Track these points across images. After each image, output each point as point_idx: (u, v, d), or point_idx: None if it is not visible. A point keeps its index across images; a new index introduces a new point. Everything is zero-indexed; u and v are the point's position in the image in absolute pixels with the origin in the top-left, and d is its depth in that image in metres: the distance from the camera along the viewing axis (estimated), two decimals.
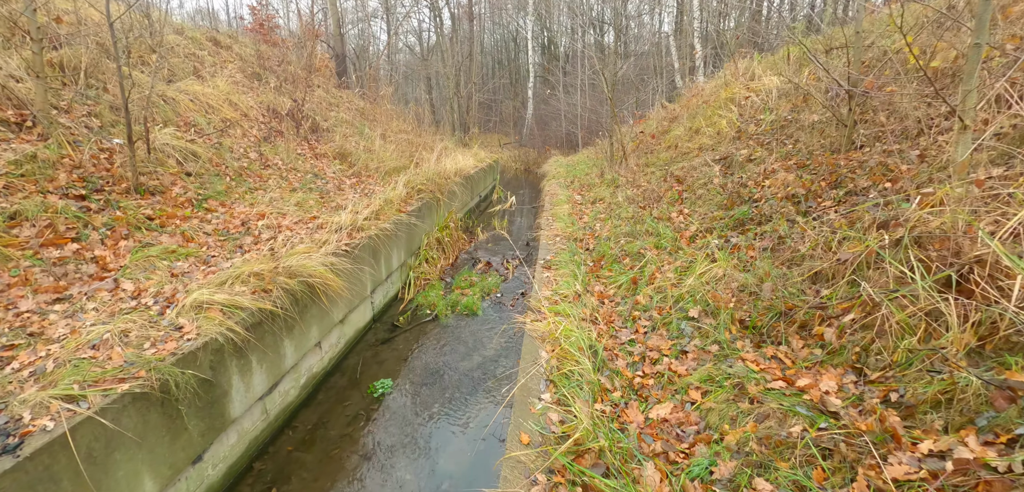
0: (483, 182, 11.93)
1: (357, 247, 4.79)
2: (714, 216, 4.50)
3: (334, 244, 4.51)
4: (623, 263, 4.25)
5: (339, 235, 4.76)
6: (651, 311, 3.20)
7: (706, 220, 4.52)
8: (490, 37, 37.17)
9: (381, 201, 5.89)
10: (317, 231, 4.82)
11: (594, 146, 13.78)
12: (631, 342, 2.85)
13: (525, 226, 9.75)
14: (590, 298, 3.54)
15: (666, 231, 4.45)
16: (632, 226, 4.96)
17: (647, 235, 4.61)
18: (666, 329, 2.94)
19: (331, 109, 10.35)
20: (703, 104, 8.70)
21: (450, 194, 8.30)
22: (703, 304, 2.95)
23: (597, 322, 3.12)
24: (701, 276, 3.20)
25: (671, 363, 2.59)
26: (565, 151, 18.05)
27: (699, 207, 5.00)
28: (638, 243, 4.45)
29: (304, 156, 7.39)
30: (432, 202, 7.30)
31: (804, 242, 3.08)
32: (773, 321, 2.60)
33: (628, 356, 2.67)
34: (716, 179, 5.32)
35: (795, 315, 2.47)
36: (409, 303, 6.05)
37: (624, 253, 4.41)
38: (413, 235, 6.50)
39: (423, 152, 10.57)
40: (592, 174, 9.23)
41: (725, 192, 4.86)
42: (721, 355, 2.48)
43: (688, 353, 2.62)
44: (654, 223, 4.87)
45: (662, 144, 8.69)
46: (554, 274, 4.06)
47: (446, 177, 8.62)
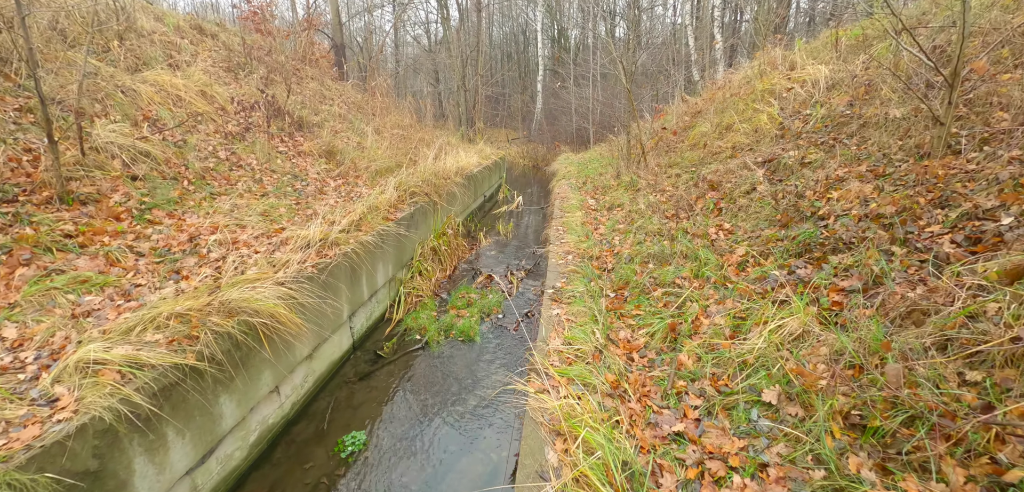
0: (488, 181, 11.01)
1: (328, 269, 3.91)
2: (766, 236, 3.53)
3: (297, 266, 3.63)
4: (653, 296, 3.31)
5: (306, 253, 3.88)
6: (702, 381, 2.27)
7: (756, 240, 3.56)
8: (499, 30, 36.08)
9: (365, 207, 5.01)
10: (280, 247, 3.95)
11: (607, 142, 12.75)
12: (679, 439, 1.94)
13: (532, 229, 8.82)
14: (614, 353, 2.61)
15: (707, 255, 3.50)
16: (660, 244, 4.01)
17: (681, 258, 3.66)
18: (728, 417, 2.01)
19: (324, 102, 9.48)
20: (732, 97, 7.66)
21: (449, 196, 7.39)
22: (782, 381, 2.03)
23: (626, 397, 2.21)
24: (772, 333, 2.26)
25: (745, 485, 1.67)
26: (575, 147, 17.02)
27: (743, 221, 4.03)
28: (671, 269, 3.51)
29: (286, 154, 6.53)
30: (427, 207, 6.40)
31: (921, 290, 2.12)
32: (905, 426, 1.66)
33: (678, 466, 1.76)
34: (761, 186, 4.34)
35: (950, 428, 1.53)
36: (397, 326, 5.18)
37: (654, 282, 3.47)
38: (403, 246, 5.61)
39: (422, 149, 9.67)
40: (606, 174, 8.25)
41: (776, 204, 3.88)
42: (827, 488, 1.56)
43: (769, 469, 1.70)
44: (688, 241, 3.91)
45: (685, 142, 7.68)
46: (565, 311, 3.14)
47: (445, 177, 7.71)
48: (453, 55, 17.71)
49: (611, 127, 15.03)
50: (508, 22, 35.20)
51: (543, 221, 9.13)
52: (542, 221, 9.21)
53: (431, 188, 6.67)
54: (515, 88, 30.39)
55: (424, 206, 6.29)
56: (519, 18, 33.70)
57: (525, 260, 7.04)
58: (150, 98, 5.67)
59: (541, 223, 9.19)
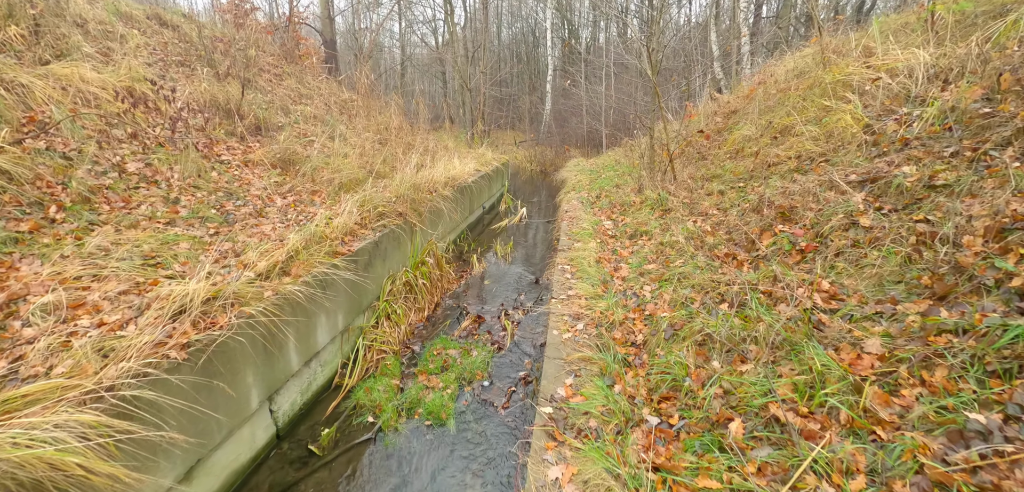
0: (487, 190, 9.58)
1: (211, 347, 2.53)
2: (912, 319, 2.03)
3: (150, 351, 2.26)
4: (729, 433, 1.84)
5: (178, 325, 2.50)
6: None
7: (892, 320, 2.07)
8: (508, 31, 34.71)
9: (300, 241, 3.62)
10: (143, 312, 2.57)
11: (623, 147, 11.24)
12: None
13: (537, 247, 7.38)
14: None
15: (816, 352, 2.01)
16: (721, 314, 2.53)
17: (766, 345, 2.17)
18: None
19: (300, 102, 8.16)
20: (780, 93, 6.11)
21: (433, 214, 5.99)
22: None
23: None
24: None
25: None
26: (586, 151, 15.50)
27: (850, 276, 2.54)
28: (754, 378, 2.03)
29: (228, 164, 5.19)
30: (401, 231, 5.00)
31: None
32: None
33: None
34: (865, 218, 2.83)
35: None
36: (348, 396, 3.78)
37: (726, 402, 2.00)
38: (363, 286, 4.22)
39: (411, 155, 8.28)
40: (625, 187, 6.75)
41: (912, 256, 2.38)
42: None
43: None
44: (770, 314, 2.43)
45: (722, 148, 6.15)
46: (568, 470, 1.70)
47: (430, 190, 6.31)
48: (456, 53, 16.34)
49: (626, 129, 13.49)
50: (518, 22, 33.79)
51: (549, 240, 7.68)
52: (548, 239, 7.76)
53: (407, 206, 5.26)
54: (524, 89, 28.99)
55: (396, 230, 4.89)
56: (529, 18, 32.26)
57: (525, 293, 5.60)
58: (48, 96, 4.37)
59: (547, 240, 7.74)
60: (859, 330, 2.11)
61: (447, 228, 6.77)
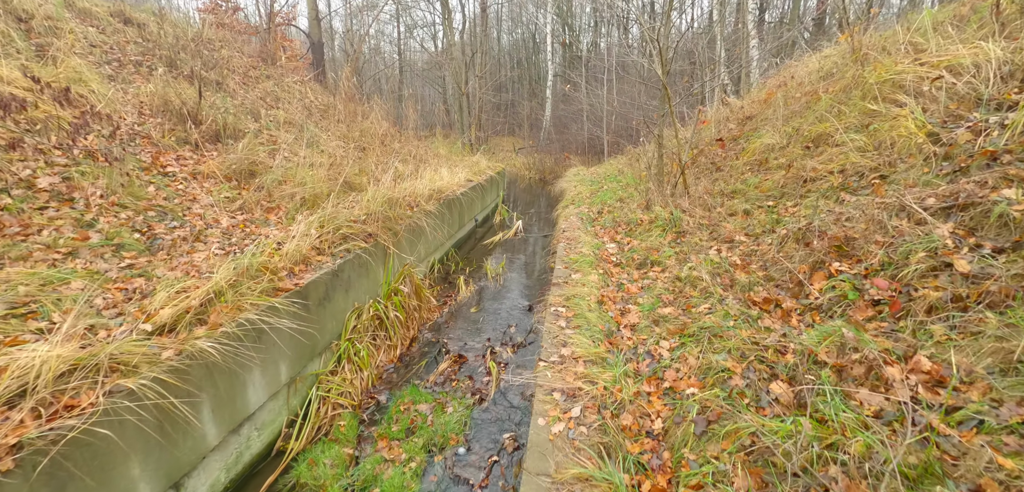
0: (481, 201, 8.84)
1: (62, 442, 1.78)
2: None
3: None
4: None
5: (12, 414, 1.76)
6: None
7: None
8: (509, 37, 34.17)
9: (230, 275, 2.88)
10: None
11: (626, 155, 10.50)
12: None
13: (534, 265, 6.62)
14: None
15: None
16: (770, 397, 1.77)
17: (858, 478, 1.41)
18: None
19: (275, 106, 7.45)
20: (806, 97, 5.37)
21: (413, 233, 5.25)
22: None
23: None
24: None
25: None
26: (587, 158, 14.77)
27: (962, 352, 1.77)
28: None
29: (173, 177, 4.46)
30: (369, 255, 4.26)
31: None
32: None
33: None
34: (964, 263, 2.08)
35: None
36: (290, 467, 3.03)
37: None
38: (319, 322, 3.47)
39: (395, 164, 7.56)
40: (631, 202, 5.99)
41: None
42: None
43: None
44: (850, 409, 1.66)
45: (740, 158, 5.40)
46: None
47: (410, 204, 5.58)
48: (453, 57, 15.66)
49: (629, 136, 12.76)
50: (518, 28, 33.22)
51: (547, 255, 6.93)
52: (545, 254, 7.00)
53: (379, 225, 4.52)
54: (523, 95, 28.39)
55: (364, 255, 4.15)
56: (529, 24, 31.68)
57: (517, 323, 4.84)
58: None
59: (545, 255, 6.99)
60: (1007, 456, 1.34)
61: (430, 247, 6.03)
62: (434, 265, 6.21)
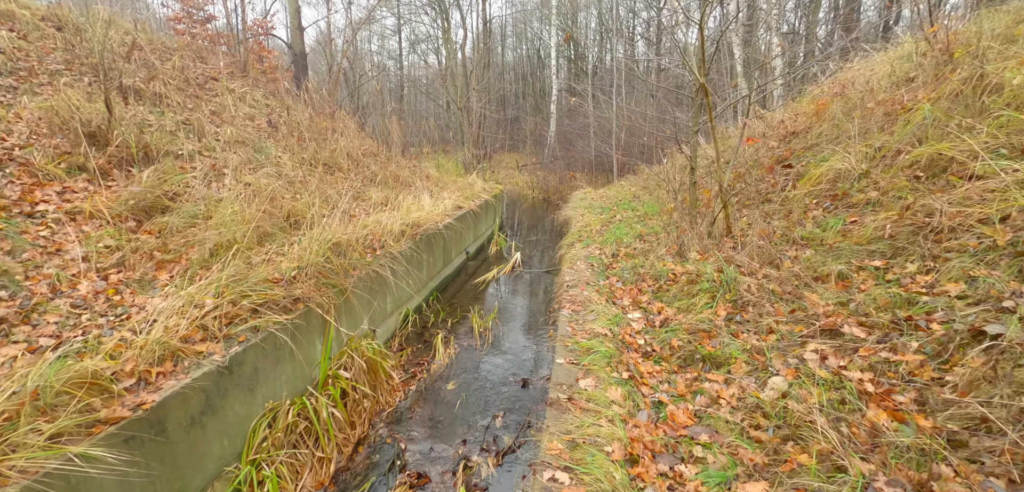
0: (472, 231, 7.59)
1: None
2: None
3: None
4: None
5: None
6: None
7: None
8: (513, 52, 33.40)
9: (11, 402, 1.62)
10: None
11: (638, 175, 9.23)
12: None
13: (534, 311, 5.33)
14: None
15: None
16: None
17: None
18: None
19: (231, 123, 6.30)
20: (882, 107, 4.08)
21: (371, 287, 3.99)
22: None
23: None
24: None
25: None
26: (594, 177, 13.52)
27: None
28: None
29: (42, 217, 3.26)
30: (295, 330, 2.99)
31: None
32: None
33: None
34: None
35: None
36: None
37: None
38: (190, 455, 2.20)
39: (366, 190, 6.35)
40: (654, 242, 4.67)
41: None
42: None
43: None
44: None
45: (798, 186, 4.10)
46: None
47: (372, 245, 4.33)
48: (453, 71, 14.59)
49: (641, 154, 11.50)
50: (524, 44, 32.40)
51: (549, 298, 5.63)
52: (548, 298, 5.70)
53: (313, 284, 3.26)
54: (527, 110, 27.42)
55: (281, 333, 2.88)
56: (534, 40, 30.84)
57: (505, 413, 3.54)
58: None
59: (548, 298, 5.69)
60: None
61: (401, 298, 4.76)
62: (408, 316, 4.94)
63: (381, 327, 4.47)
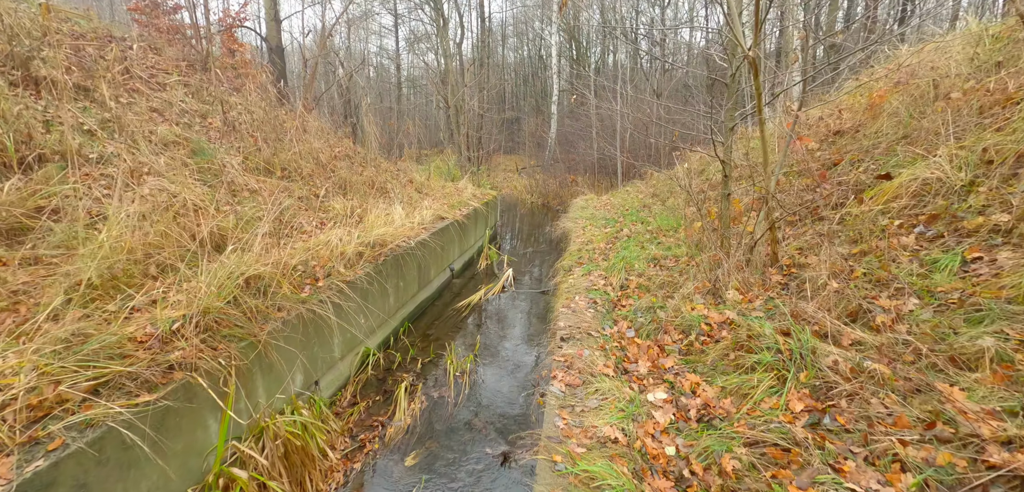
0: (458, 245, 6.65)
1: None
2: None
3: None
4: None
5: None
6: None
7: None
8: (515, 54, 32.56)
9: None
10: None
11: (646, 180, 8.26)
12: None
13: (524, 346, 4.38)
14: None
15: None
16: None
17: None
18: None
19: (177, 121, 5.39)
20: (965, 96, 3.11)
21: (307, 332, 3.04)
22: None
23: None
24: None
25: None
26: (597, 181, 12.55)
27: None
28: None
29: None
30: (164, 415, 2.04)
31: None
32: None
33: None
34: None
35: None
36: None
37: None
38: None
39: (335, 198, 5.42)
40: (672, 266, 3.70)
41: None
42: None
43: None
44: None
45: (865, 201, 3.12)
46: None
47: (314, 275, 3.39)
48: (449, 69, 13.68)
49: (648, 155, 10.51)
50: (525, 45, 31.53)
51: (542, 333, 4.67)
52: (542, 331, 4.75)
53: (204, 338, 2.32)
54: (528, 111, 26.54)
55: (138, 422, 1.94)
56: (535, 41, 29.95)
57: None
58: None
59: (541, 332, 4.73)
60: None
61: (348, 343, 3.80)
62: (368, 357, 3.99)
63: (329, 376, 3.52)
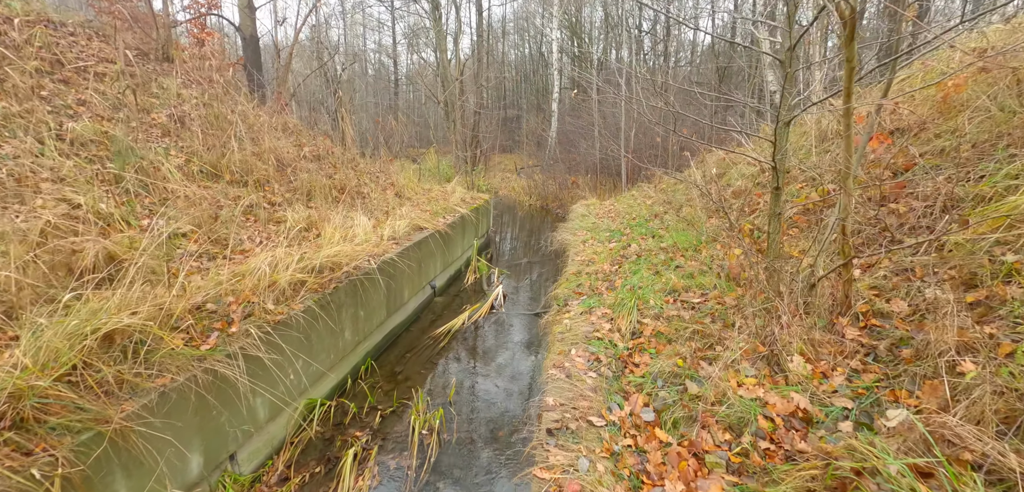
0: (440, 258, 5.82)
1: None
2: None
3: None
4: None
5: None
6: None
7: None
8: (516, 51, 31.76)
9: None
10: None
11: (653, 182, 7.42)
12: None
13: (508, 396, 3.55)
14: None
15: None
16: None
17: None
18: None
19: (106, 118, 4.58)
20: None
21: (203, 401, 2.21)
22: None
23: None
24: None
25: None
26: (599, 183, 11.70)
27: None
28: None
29: None
30: None
31: None
32: None
33: None
34: None
35: None
36: None
37: None
38: None
39: (293, 207, 4.59)
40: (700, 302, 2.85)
41: None
42: None
43: None
44: None
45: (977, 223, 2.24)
46: None
47: (223, 314, 2.55)
48: (439, 61, 12.84)
49: (653, 156, 9.65)
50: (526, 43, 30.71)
51: (533, 372, 3.84)
52: (533, 369, 3.92)
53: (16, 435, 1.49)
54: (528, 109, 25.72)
55: None
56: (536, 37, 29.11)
57: None
58: None
59: (532, 370, 3.90)
60: None
61: (288, 391, 2.97)
62: (314, 410, 3.16)
63: (254, 443, 2.70)
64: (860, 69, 3.07)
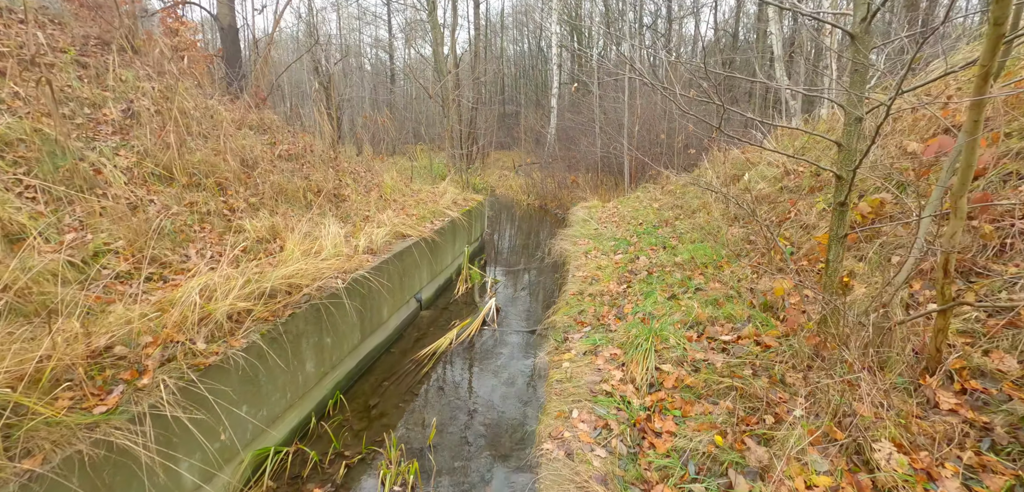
0: (427, 268, 5.29)
1: None
2: None
3: None
4: None
5: None
6: None
7: None
8: (515, 47, 31.14)
9: None
10: None
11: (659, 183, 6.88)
12: None
13: (506, 420, 3.03)
14: None
15: None
16: None
17: None
18: None
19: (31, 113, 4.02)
20: None
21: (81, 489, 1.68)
22: None
23: None
24: None
25: None
26: (600, 182, 11.14)
27: None
28: None
29: None
30: None
31: None
32: None
33: None
34: None
35: None
36: None
37: None
38: None
39: (256, 215, 4.04)
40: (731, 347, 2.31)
41: None
42: None
43: None
44: None
45: None
46: None
47: (139, 358, 2.01)
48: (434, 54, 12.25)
49: (657, 155, 9.09)
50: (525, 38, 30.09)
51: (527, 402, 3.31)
52: (528, 398, 3.39)
53: None
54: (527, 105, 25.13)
55: None
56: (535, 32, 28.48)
57: None
58: None
59: (528, 398, 3.38)
60: None
61: (215, 459, 2.44)
62: (268, 459, 2.63)
63: None
64: (951, 46, 2.52)
